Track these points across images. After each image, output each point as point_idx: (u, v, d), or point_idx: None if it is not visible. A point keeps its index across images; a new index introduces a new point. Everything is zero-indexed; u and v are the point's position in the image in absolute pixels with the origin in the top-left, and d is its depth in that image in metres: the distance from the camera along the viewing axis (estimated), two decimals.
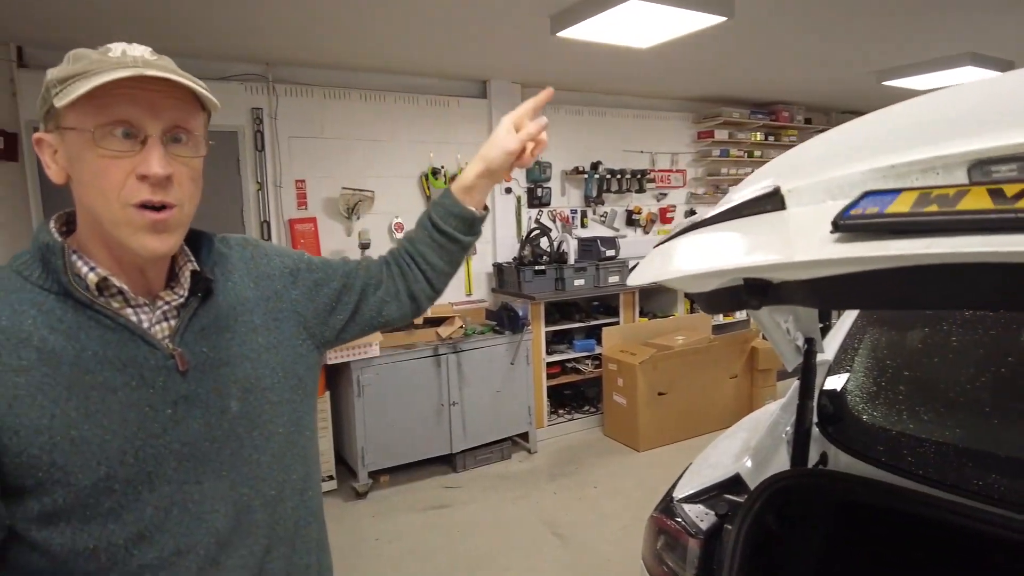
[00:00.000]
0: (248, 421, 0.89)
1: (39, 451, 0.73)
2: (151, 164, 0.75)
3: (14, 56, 3.35)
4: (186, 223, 0.83)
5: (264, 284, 0.98)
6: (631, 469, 4.16)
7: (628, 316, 4.96)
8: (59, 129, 0.77)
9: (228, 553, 0.85)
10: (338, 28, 3.34)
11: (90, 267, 0.80)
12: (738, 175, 5.95)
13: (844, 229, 0.65)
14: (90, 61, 0.75)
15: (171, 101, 0.77)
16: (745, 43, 3.87)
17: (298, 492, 0.95)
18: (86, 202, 0.78)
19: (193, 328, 0.86)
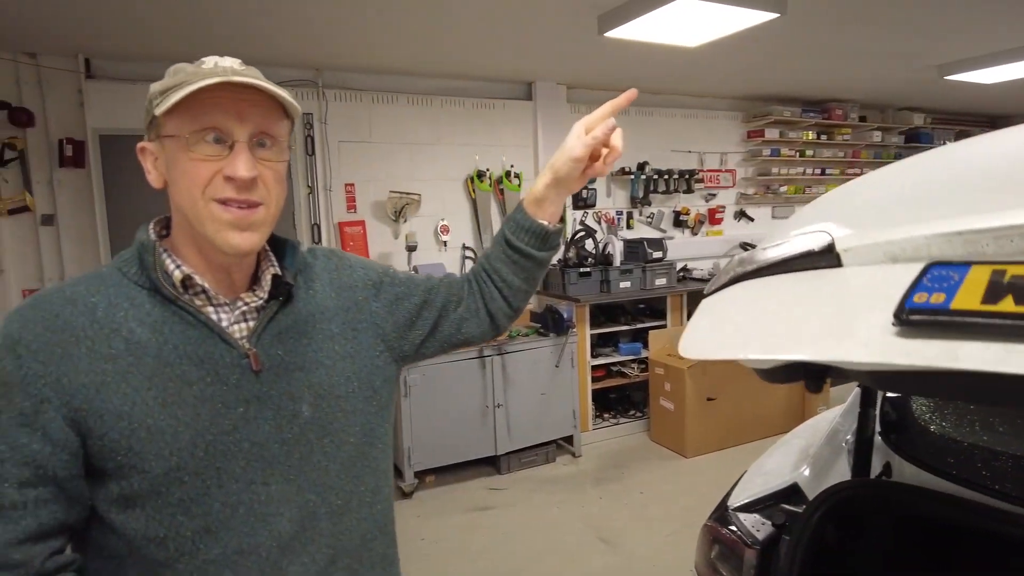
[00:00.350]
0: (319, 427, 0.90)
1: (119, 436, 0.78)
2: (237, 167, 0.80)
3: (82, 68, 3.50)
4: (270, 223, 0.86)
5: (345, 295, 1.00)
6: (679, 475, 4.09)
7: (676, 319, 4.88)
8: (159, 138, 0.83)
9: (290, 559, 0.86)
10: (386, 33, 3.38)
11: (176, 265, 0.86)
12: (789, 175, 5.80)
13: (907, 324, 0.58)
14: (186, 73, 0.81)
15: (257, 108, 0.82)
16: (798, 39, 3.77)
17: (366, 504, 0.96)
18: (178, 202, 0.84)
19: (270, 331, 0.89)
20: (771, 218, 5.95)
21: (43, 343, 0.78)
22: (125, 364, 0.79)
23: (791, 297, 0.77)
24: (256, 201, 0.83)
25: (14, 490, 0.76)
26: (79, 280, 0.85)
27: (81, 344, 0.79)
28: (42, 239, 3.52)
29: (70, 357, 0.78)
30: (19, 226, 3.48)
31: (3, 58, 3.37)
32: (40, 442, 0.76)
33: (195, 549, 0.81)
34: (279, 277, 0.92)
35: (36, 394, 0.77)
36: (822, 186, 6.06)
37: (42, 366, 0.77)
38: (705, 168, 5.50)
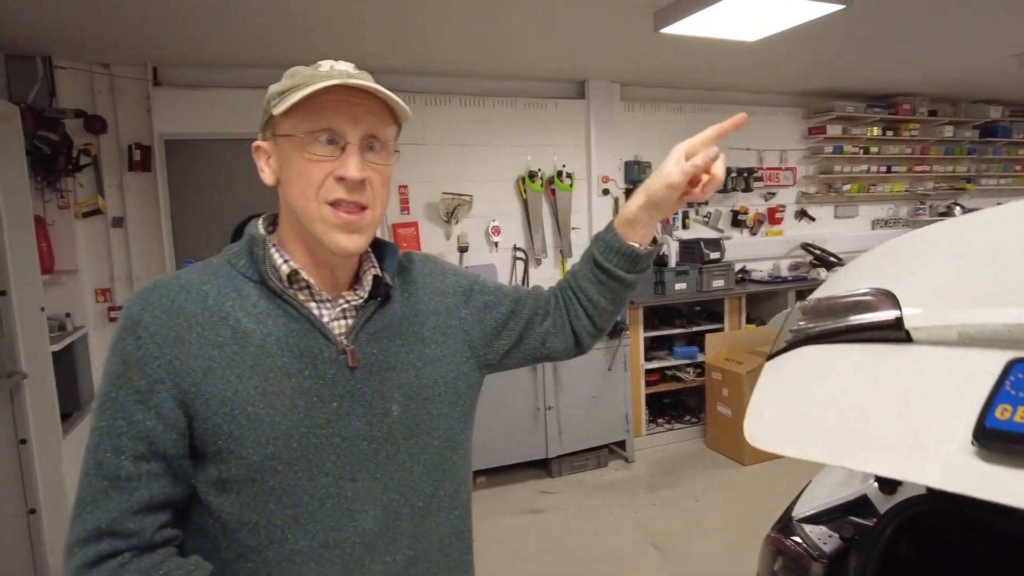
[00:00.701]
0: (406, 428, 0.92)
1: (221, 421, 0.81)
2: (349, 168, 0.82)
3: (150, 76, 3.64)
4: (375, 225, 0.89)
5: (437, 299, 1.02)
6: (736, 483, 3.97)
7: (734, 322, 4.75)
8: (274, 137, 0.87)
9: (373, 556, 0.88)
10: (442, 36, 3.40)
11: (284, 260, 0.89)
12: (852, 173, 5.57)
13: (990, 448, 0.52)
14: (303, 75, 0.84)
15: (369, 112, 0.85)
16: (863, 31, 3.60)
17: (445, 509, 0.97)
18: (290, 200, 0.87)
19: (367, 329, 0.92)
20: (833, 218, 5.73)
21: (160, 326, 0.82)
22: (231, 352, 0.83)
23: (859, 380, 0.71)
24: (363, 204, 0.85)
25: (130, 463, 0.79)
26: (192, 269, 0.90)
27: (192, 329, 0.83)
28: (112, 240, 3.68)
29: (182, 341, 0.82)
30: (92, 228, 3.64)
31: (80, 69, 3.54)
32: (153, 420, 0.80)
33: (283, 538, 0.84)
34: (379, 278, 0.94)
35: (151, 374, 0.80)
36: (888, 184, 5.80)
37: (158, 348, 0.81)
38: (764, 166, 5.34)
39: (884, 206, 5.99)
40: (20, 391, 2.95)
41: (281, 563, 0.84)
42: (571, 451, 4.12)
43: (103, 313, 3.69)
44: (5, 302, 2.90)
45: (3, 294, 2.90)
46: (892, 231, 5.96)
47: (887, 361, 0.69)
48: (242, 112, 3.80)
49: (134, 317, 0.83)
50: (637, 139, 4.86)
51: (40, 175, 3.30)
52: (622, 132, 4.79)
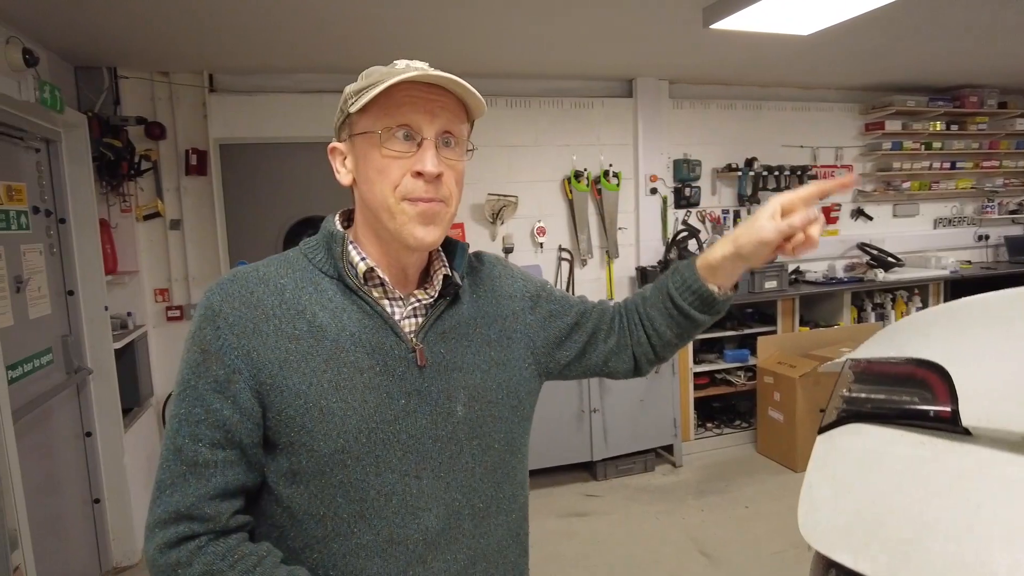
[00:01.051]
0: (470, 428, 0.93)
1: (295, 413, 0.83)
2: (426, 162, 0.83)
3: (206, 83, 3.76)
4: (449, 220, 0.90)
5: (505, 303, 1.03)
6: (787, 491, 3.85)
7: (787, 325, 4.61)
8: (351, 137, 0.89)
9: (434, 554, 0.89)
10: (491, 36, 3.40)
11: (361, 257, 0.91)
12: (913, 170, 5.33)
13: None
14: (380, 74, 0.85)
15: (445, 108, 0.86)
16: (927, 20, 3.44)
17: (504, 511, 0.98)
18: (367, 199, 0.88)
19: (436, 329, 0.93)
20: (892, 216, 5.51)
21: (238, 317, 0.84)
22: (306, 345, 0.84)
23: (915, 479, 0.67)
24: (440, 198, 0.86)
25: (207, 450, 0.81)
26: (269, 262, 0.92)
27: (270, 322, 0.84)
28: (170, 242, 3.81)
29: (260, 333, 0.84)
30: (152, 230, 3.78)
31: (141, 78, 3.68)
32: (230, 409, 0.82)
33: (349, 532, 0.85)
34: (449, 278, 0.95)
35: (230, 364, 0.82)
36: (952, 181, 5.54)
37: (236, 338, 0.83)
38: (818, 164, 5.16)
39: (948, 204, 5.72)
40: (86, 386, 3.09)
41: (346, 556, 0.85)
42: (617, 454, 4.07)
43: (161, 312, 3.83)
44: (73, 301, 3.05)
45: (71, 294, 3.04)
46: (957, 230, 5.69)
47: (945, 461, 0.64)
48: (293, 117, 3.90)
49: (214, 307, 0.85)
50: (686, 137, 4.78)
51: (105, 180, 3.45)
52: (671, 130, 4.71)
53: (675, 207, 4.80)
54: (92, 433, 3.11)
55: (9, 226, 2.56)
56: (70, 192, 3.05)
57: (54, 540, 2.72)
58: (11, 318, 2.48)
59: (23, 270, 2.62)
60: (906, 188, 5.39)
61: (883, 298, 5.07)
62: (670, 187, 4.75)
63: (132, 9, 2.74)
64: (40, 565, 2.33)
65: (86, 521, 3.08)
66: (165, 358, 3.86)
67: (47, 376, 2.76)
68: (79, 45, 3.19)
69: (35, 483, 2.54)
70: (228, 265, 3.85)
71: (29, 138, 2.79)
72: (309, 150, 3.96)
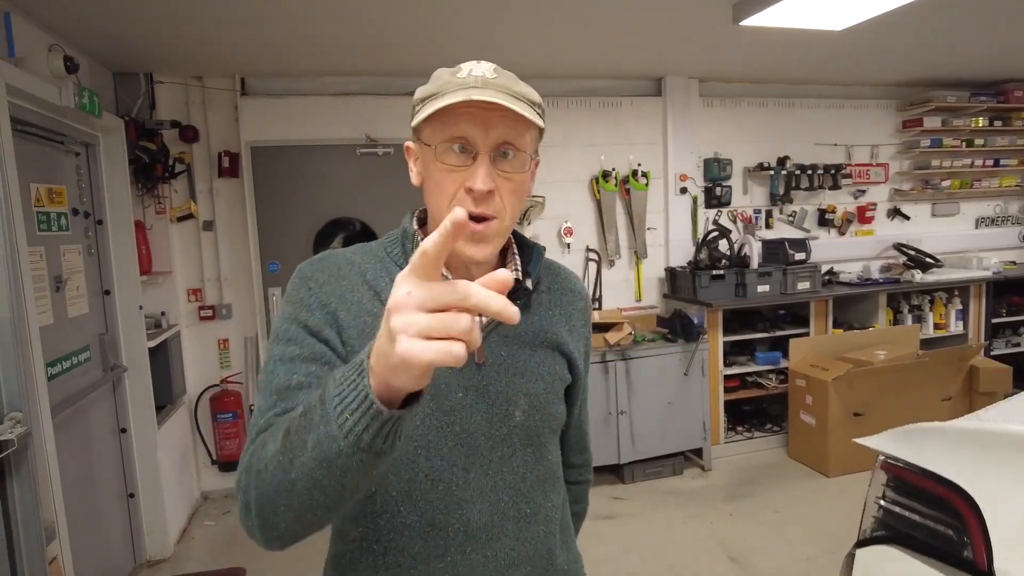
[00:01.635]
0: (526, 435, 0.94)
1: None
2: (476, 180, 0.83)
3: (238, 86, 3.83)
4: (504, 233, 0.90)
5: (572, 332, 1.04)
6: (819, 496, 3.77)
7: (820, 327, 4.51)
8: (418, 141, 0.91)
9: (474, 547, 0.91)
10: (519, 37, 3.40)
11: None
12: (953, 168, 5.18)
13: None
14: (442, 82, 0.85)
15: (503, 120, 0.83)
16: (967, 11, 3.33)
17: (556, 520, 1.01)
18: (429, 205, 0.92)
19: (499, 332, 0.95)
20: (930, 216, 5.36)
21: (328, 283, 0.91)
22: (380, 323, 0.86)
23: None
24: (490, 215, 0.85)
25: (301, 377, 0.85)
26: (355, 249, 0.98)
27: (354, 294, 0.91)
28: (203, 243, 3.89)
29: (344, 300, 0.90)
30: (185, 232, 3.87)
31: (176, 83, 3.77)
32: (323, 346, 0.87)
33: (396, 510, 0.89)
34: (519, 282, 0.96)
35: (321, 318, 0.88)
36: (995, 179, 5.37)
37: (325, 297, 0.89)
38: (853, 162, 5.05)
39: (991, 203, 5.54)
40: (121, 383, 3.17)
41: (390, 533, 0.89)
42: (644, 457, 4.03)
43: (194, 312, 3.92)
44: (109, 301, 3.13)
45: (107, 293, 3.12)
46: (1001, 229, 5.51)
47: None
48: (322, 119, 3.95)
49: (306, 274, 0.92)
50: (717, 135, 4.71)
51: (140, 182, 3.54)
52: (701, 129, 4.66)
53: (705, 207, 4.74)
54: (127, 429, 3.19)
55: (50, 227, 2.64)
56: (107, 194, 3.13)
57: (90, 533, 2.80)
58: (51, 316, 2.56)
59: (63, 270, 2.70)
60: (946, 186, 5.23)
61: (920, 300, 4.93)
62: (700, 186, 4.70)
63: (168, 18, 2.82)
64: (77, 557, 2.39)
65: (121, 515, 3.16)
66: (197, 356, 3.95)
67: (85, 373, 2.84)
68: (117, 52, 3.28)
69: (73, 477, 2.61)
70: (260, 265, 3.92)
71: (69, 142, 2.88)
72: (338, 152, 4.01)
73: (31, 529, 1.80)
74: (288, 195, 3.96)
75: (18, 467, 1.81)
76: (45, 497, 2.16)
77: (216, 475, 4.01)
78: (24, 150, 2.44)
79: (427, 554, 0.89)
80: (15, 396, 1.81)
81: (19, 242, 2.08)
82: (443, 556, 0.90)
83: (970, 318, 4.93)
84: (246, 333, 4.01)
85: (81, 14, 2.67)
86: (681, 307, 4.30)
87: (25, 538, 1.76)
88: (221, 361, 3.99)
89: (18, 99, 2.35)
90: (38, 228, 2.54)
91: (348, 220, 4.12)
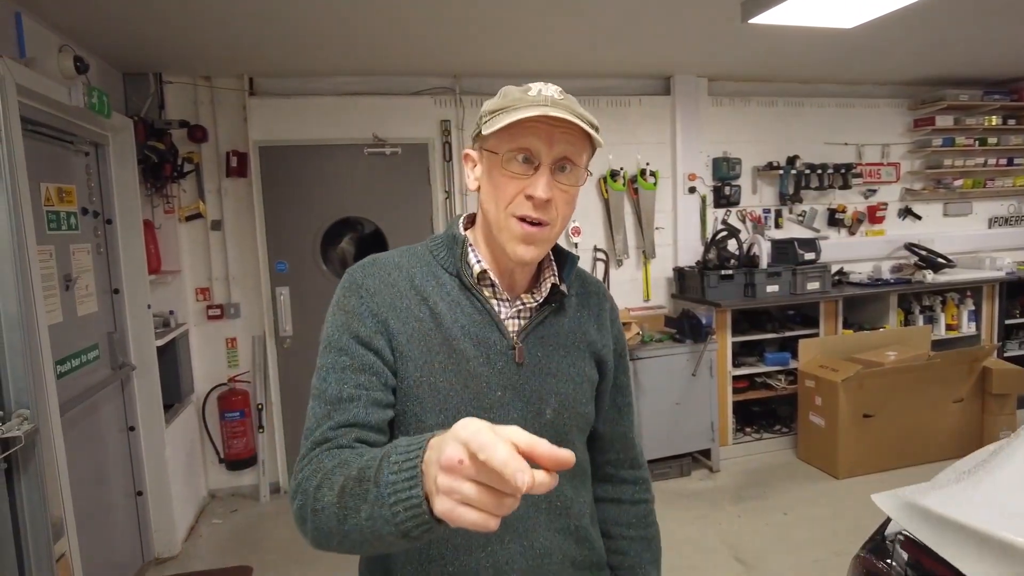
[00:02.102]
0: (555, 432, 0.99)
1: (413, 383, 0.93)
2: (537, 188, 0.90)
3: (246, 86, 3.84)
4: (553, 239, 0.98)
5: (602, 331, 1.10)
6: (828, 497, 3.74)
7: (830, 327, 4.48)
8: (482, 149, 0.97)
9: (511, 536, 0.97)
10: (527, 37, 3.39)
11: (477, 259, 1.00)
12: (965, 167, 5.12)
13: None
14: (513, 98, 0.92)
15: (566, 136, 0.91)
16: (979, 10, 3.30)
17: (586, 515, 1.07)
18: (485, 208, 0.97)
19: (536, 333, 1.01)
20: (942, 216, 5.30)
21: (378, 290, 0.96)
22: (427, 327, 0.95)
23: None
24: (546, 221, 0.93)
25: (352, 388, 0.91)
26: (402, 252, 1.03)
27: (402, 300, 0.96)
28: (211, 242, 3.91)
29: (394, 308, 0.95)
30: (194, 231, 3.89)
31: (185, 83, 3.78)
32: (374, 356, 0.93)
33: None
34: (556, 286, 1.03)
35: (372, 326, 0.94)
36: (1008, 178, 5.31)
37: (377, 307, 0.95)
38: (864, 161, 5.01)
39: (1004, 202, 5.48)
40: (130, 382, 3.19)
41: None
42: (652, 458, 4.01)
43: (202, 311, 3.93)
44: (118, 300, 3.15)
45: (116, 292, 3.14)
46: (1014, 229, 5.45)
47: None
48: (330, 119, 3.96)
49: (356, 281, 0.97)
50: (726, 135, 4.68)
51: (149, 182, 3.55)
52: (710, 128, 4.63)
53: (714, 206, 4.71)
54: (135, 427, 3.21)
55: (60, 227, 2.66)
56: (116, 194, 3.15)
57: (99, 530, 2.81)
58: (60, 315, 2.58)
59: (72, 269, 2.71)
60: (958, 186, 5.18)
61: (932, 300, 4.88)
62: (709, 186, 4.67)
63: (177, 18, 2.83)
64: (85, 554, 2.41)
65: (129, 512, 3.18)
66: (206, 356, 3.97)
67: (94, 371, 2.86)
68: (127, 52, 3.30)
69: (81, 474, 2.63)
70: (268, 265, 3.93)
71: (79, 142, 2.90)
72: (346, 152, 4.02)
73: (39, 526, 1.81)
74: (296, 195, 3.97)
75: (26, 464, 1.82)
76: (53, 494, 2.18)
77: (224, 473, 4.02)
78: (34, 150, 2.46)
79: (469, 545, 0.95)
80: (23, 393, 1.82)
81: (28, 240, 2.10)
82: (484, 546, 0.95)
83: (982, 319, 4.88)
84: (254, 332, 4.02)
85: (91, 15, 2.69)
86: (689, 307, 4.28)
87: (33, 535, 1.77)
88: (229, 360, 4.01)
89: (28, 99, 2.36)
90: (48, 227, 2.56)
91: (356, 220, 4.13)
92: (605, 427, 1.14)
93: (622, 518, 1.16)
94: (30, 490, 1.80)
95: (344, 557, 0.94)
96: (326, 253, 4.08)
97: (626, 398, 1.16)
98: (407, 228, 4.11)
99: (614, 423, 1.15)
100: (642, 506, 1.18)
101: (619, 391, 1.15)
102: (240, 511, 3.86)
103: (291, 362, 4.03)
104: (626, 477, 1.17)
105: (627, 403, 1.17)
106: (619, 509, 1.16)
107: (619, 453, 1.16)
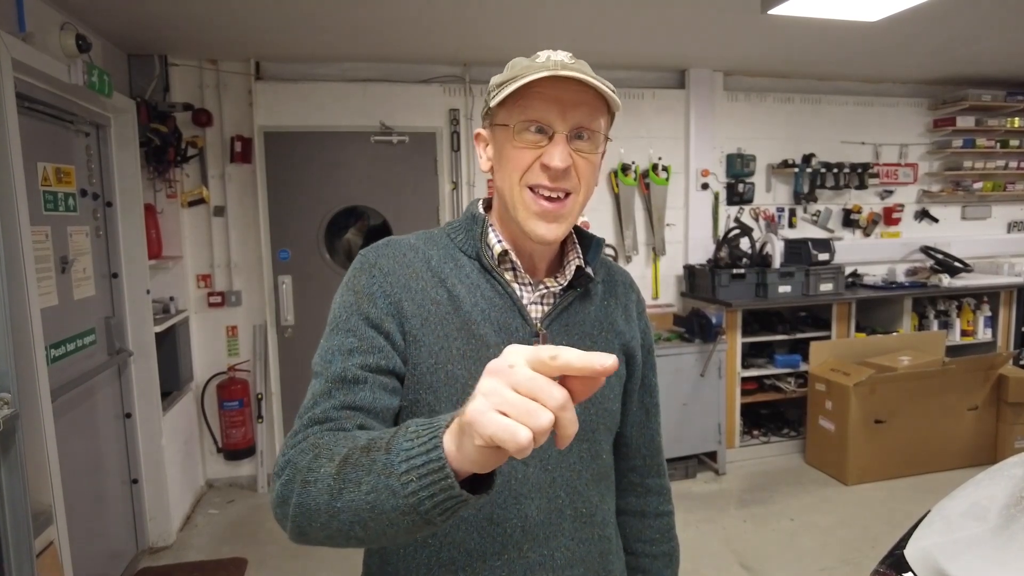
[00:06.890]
0: (582, 431, 0.95)
1: (426, 370, 0.87)
2: (553, 157, 0.84)
3: (252, 70, 3.78)
4: (576, 212, 0.90)
5: (629, 322, 1.03)
6: (836, 504, 3.65)
7: (842, 330, 4.38)
8: (491, 126, 0.92)
9: (532, 545, 0.90)
10: (536, 24, 3.30)
11: (498, 239, 0.95)
12: (986, 169, 5.00)
13: None
14: (520, 67, 0.86)
15: (580, 103, 0.85)
16: (1008, 6, 3.19)
17: (610, 524, 1.00)
18: (500, 186, 0.92)
19: (561, 320, 0.95)
20: (960, 219, 5.18)
21: (391, 271, 0.90)
22: (444, 311, 0.89)
23: None
24: (567, 189, 0.87)
25: (358, 370, 0.84)
26: (418, 236, 0.98)
27: (418, 282, 0.90)
28: (214, 229, 3.85)
29: (408, 289, 0.89)
30: (196, 217, 3.83)
31: (190, 65, 3.72)
32: (383, 339, 0.86)
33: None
34: (581, 269, 0.96)
35: (383, 307, 0.87)
36: None
37: (389, 287, 0.89)
38: (881, 162, 4.90)
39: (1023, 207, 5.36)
40: (127, 368, 3.14)
41: (448, 527, 0.87)
42: None
43: (203, 298, 3.88)
44: (116, 284, 3.09)
45: (115, 276, 3.09)
46: None
47: None
48: (338, 106, 3.89)
49: (369, 260, 0.92)
50: (740, 131, 4.59)
51: (152, 165, 3.49)
52: (724, 123, 4.53)
53: (727, 203, 4.61)
54: (132, 414, 3.16)
55: (57, 207, 2.60)
56: (117, 176, 3.09)
57: (92, 518, 2.76)
58: (55, 298, 2.52)
59: (69, 251, 2.65)
60: (977, 188, 5.06)
61: (947, 305, 4.77)
62: (722, 182, 4.57)
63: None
64: (77, 542, 2.36)
65: (124, 500, 3.13)
66: (205, 343, 3.91)
67: (90, 356, 2.80)
68: (132, 33, 3.23)
69: (76, 461, 2.58)
70: (271, 253, 3.87)
71: (79, 122, 2.83)
72: (352, 139, 3.94)
73: (18, 514, 1.74)
74: (300, 182, 3.90)
75: (5, 451, 1.75)
76: (43, 481, 2.12)
77: (221, 463, 3.97)
78: (32, 128, 2.39)
79: (484, 551, 0.88)
80: (5, 377, 1.75)
81: (21, 219, 2.04)
82: (500, 553, 0.88)
83: (999, 325, 4.77)
84: (255, 321, 3.96)
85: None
86: (699, 306, 4.19)
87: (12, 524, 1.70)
88: (229, 348, 3.95)
89: (26, 75, 2.30)
90: (44, 208, 2.50)
91: (361, 208, 4.06)
92: (632, 431, 1.06)
93: (645, 533, 1.08)
94: (10, 477, 1.73)
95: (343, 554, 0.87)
96: (330, 242, 4.02)
97: (654, 399, 1.09)
98: (413, 219, 4.03)
99: (642, 426, 1.08)
100: (666, 519, 1.12)
101: (647, 391, 1.08)
102: (237, 502, 3.81)
103: (292, 352, 3.97)
104: (651, 487, 1.10)
105: (655, 404, 1.09)
106: (643, 524, 1.09)
107: (645, 459, 1.09)
